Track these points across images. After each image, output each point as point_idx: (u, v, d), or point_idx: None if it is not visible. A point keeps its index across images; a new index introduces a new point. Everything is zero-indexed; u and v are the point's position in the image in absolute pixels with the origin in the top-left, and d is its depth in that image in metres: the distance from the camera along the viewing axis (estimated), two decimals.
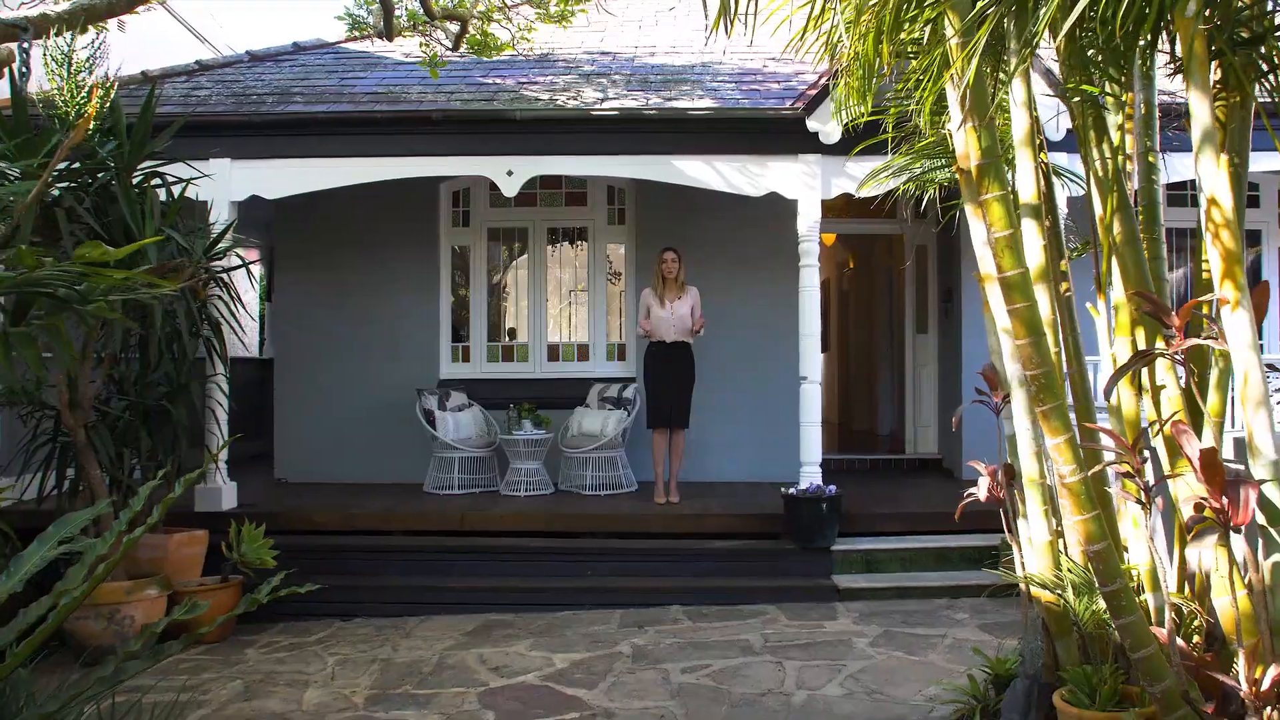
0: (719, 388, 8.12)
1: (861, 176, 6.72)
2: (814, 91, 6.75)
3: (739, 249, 8.30)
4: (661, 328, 7.07)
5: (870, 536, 6.61)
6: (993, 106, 2.68)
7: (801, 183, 6.74)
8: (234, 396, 9.69)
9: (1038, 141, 3.24)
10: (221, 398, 6.61)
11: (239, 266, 6.51)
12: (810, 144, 6.70)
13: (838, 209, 8.78)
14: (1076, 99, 2.82)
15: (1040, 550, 3.32)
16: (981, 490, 3.69)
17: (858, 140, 6.63)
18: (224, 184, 6.83)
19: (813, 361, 6.73)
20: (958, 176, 3.36)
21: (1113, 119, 2.94)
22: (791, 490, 6.42)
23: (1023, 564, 3.65)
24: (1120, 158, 2.86)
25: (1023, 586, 3.57)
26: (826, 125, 6.57)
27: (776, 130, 6.78)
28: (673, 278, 7.13)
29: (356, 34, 7.63)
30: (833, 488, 6.37)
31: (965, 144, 3.32)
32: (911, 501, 7.24)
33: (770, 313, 8.24)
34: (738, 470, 8.21)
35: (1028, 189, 3.17)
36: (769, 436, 8.16)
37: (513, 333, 8.79)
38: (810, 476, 6.61)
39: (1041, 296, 3.18)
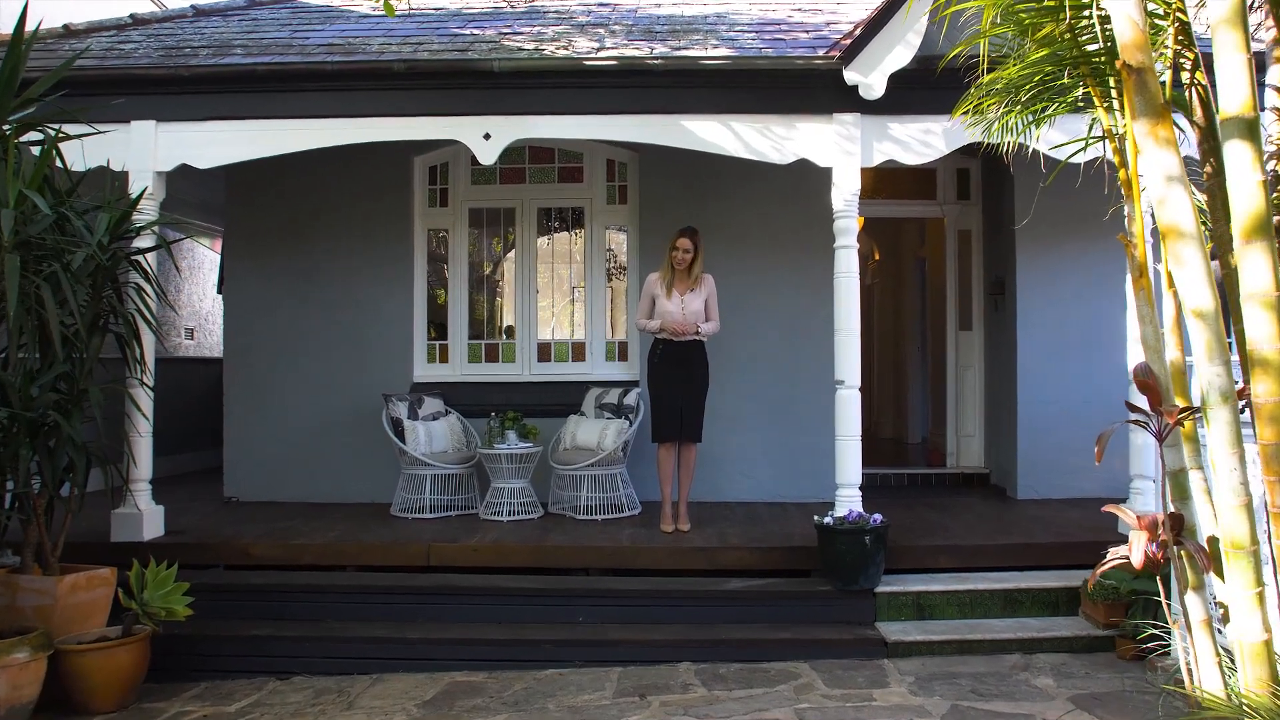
0: (735, 392, 7.02)
1: (909, 139, 5.61)
2: (848, 41, 5.61)
3: (760, 230, 7.17)
4: (669, 325, 5.92)
5: (919, 574, 5.48)
6: None
7: (837, 147, 5.60)
8: (197, 401, 8.66)
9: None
10: (138, 408, 5.50)
11: (155, 248, 5.39)
12: (847, 100, 5.56)
13: (865, 190, 7.56)
14: None
15: (1250, 655, 2.16)
16: (1136, 551, 2.54)
17: (908, 93, 5.56)
18: (146, 151, 5.73)
19: (851, 362, 5.60)
20: (1121, 73, 2.21)
21: None
22: (827, 519, 5.28)
23: (1193, 665, 2.51)
24: None
25: (1195, 695, 2.42)
26: (868, 77, 5.43)
27: (807, 84, 5.63)
28: (684, 268, 5.99)
29: None
30: (878, 517, 5.22)
31: None
32: (964, 529, 6.09)
33: (795, 304, 7.14)
34: (756, 488, 7.09)
35: (1237, 94, 2.04)
36: (793, 449, 7.07)
37: (510, 331, 7.60)
38: (849, 501, 5.48)
39: (1259, 261, 2.04)
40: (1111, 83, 2.64)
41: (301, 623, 5.22)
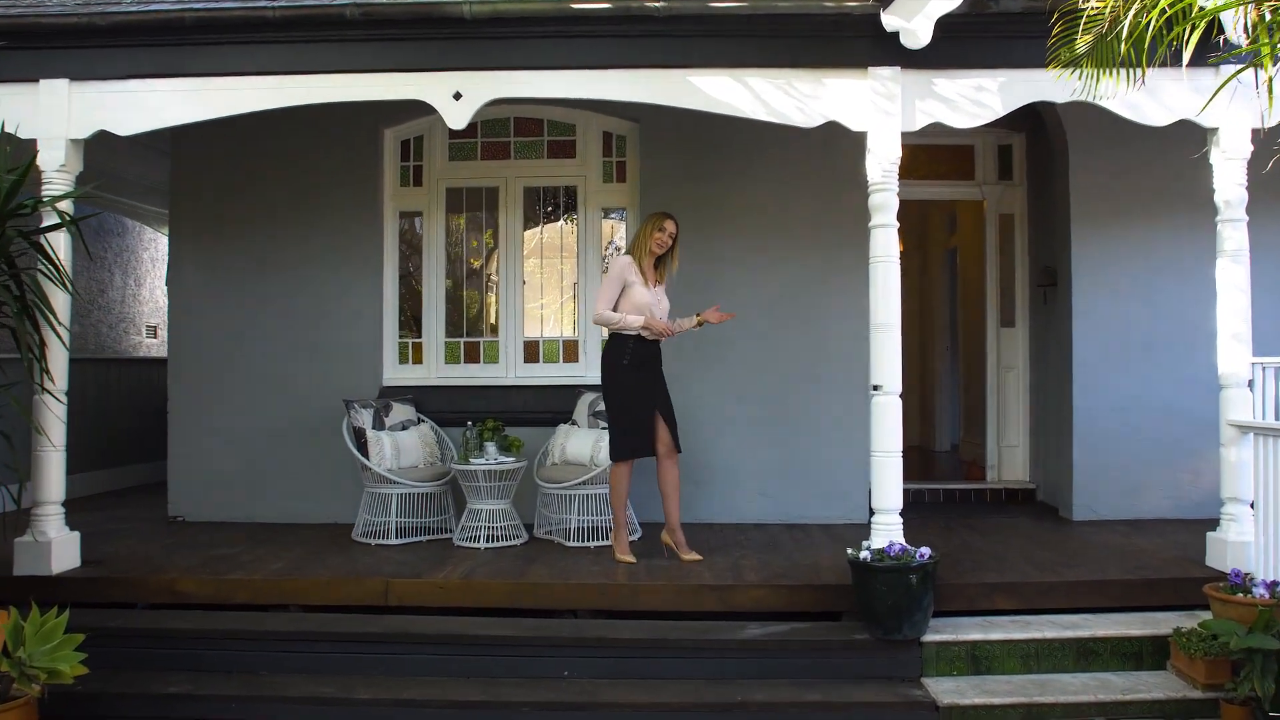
0: (751, 399, 6.19)
1: (958, 97, 4.73)
2: None
3: (780, 212, 6.31)
4: (653, 324, 5.07)
5: (972, 616, 4.58)
6: None
7: (873, 106, 4.70)
8: (157, 406, 7.75)
9: None
10: (28, 419, 4.63)
11: (55, 227, 4.51)
12: (885, 52, 4.67)
13: None
14: None
15: None
16: None
17: (958, 42, 4.65)
18: (57, 114, 4.87)
19: (890, 363, 4.70)
20: None
21: None
22: (863, 553, 4.38)
23: None
24: None
25: None
26: (911, 21, 4.53)
27: (837, 32, 4.74)
28: (664, 252, 5.17)
29: None
30: (925, 551, 4.31)
31: None
32: (1021, 559, 5.18)
33: (821, 298, 6.29)
34: (774, 509, 6.21)
35: None
36: (816, 464, 6.25)
37: (494, 328, 6.69)
38: (888, 531, 4.59)
39: None
40: None
41: (229, 677, 4.34)
